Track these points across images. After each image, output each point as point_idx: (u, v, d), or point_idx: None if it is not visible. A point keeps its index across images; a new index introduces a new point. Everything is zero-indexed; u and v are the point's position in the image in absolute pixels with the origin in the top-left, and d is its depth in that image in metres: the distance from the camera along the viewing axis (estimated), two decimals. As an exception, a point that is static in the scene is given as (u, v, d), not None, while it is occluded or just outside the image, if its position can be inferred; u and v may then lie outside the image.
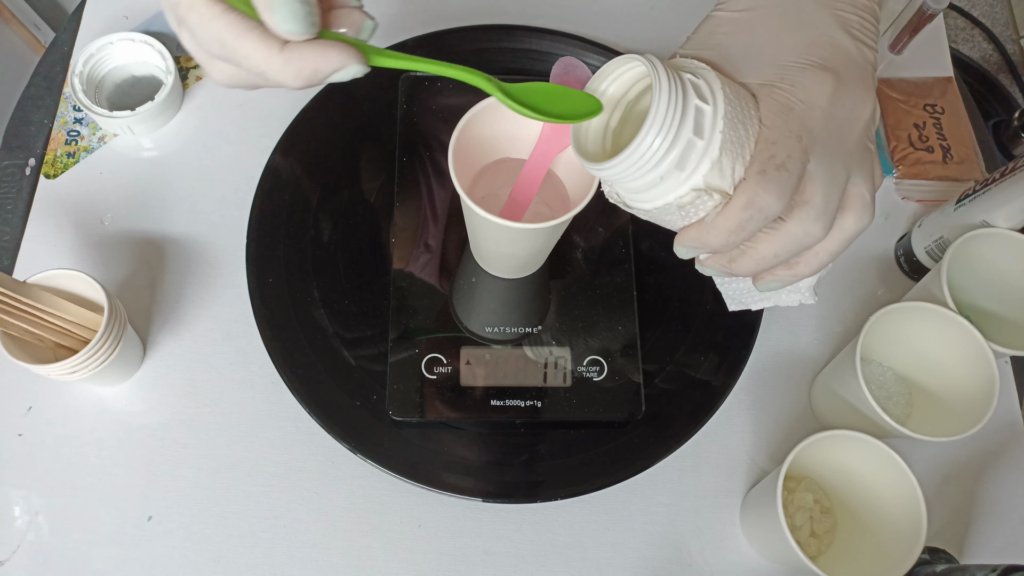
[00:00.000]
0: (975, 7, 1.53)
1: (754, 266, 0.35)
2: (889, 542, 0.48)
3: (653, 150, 0.31)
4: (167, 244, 0.59)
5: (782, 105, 0.33)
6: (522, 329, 0.53)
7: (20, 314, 0.47)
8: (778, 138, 0.32)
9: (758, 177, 0.32)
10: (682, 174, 0.32)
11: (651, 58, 0.32)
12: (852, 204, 0.34)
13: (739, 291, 0.41)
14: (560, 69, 0.43)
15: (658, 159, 0.31)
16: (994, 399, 0.49)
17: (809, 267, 0.35)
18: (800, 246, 0.34)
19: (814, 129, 0.33)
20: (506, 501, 0.52)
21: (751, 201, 0.32)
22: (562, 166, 0.48)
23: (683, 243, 0.35)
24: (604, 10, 0.70)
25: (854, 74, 0.34)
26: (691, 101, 0.32)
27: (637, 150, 0.31)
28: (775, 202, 0.32)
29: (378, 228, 0.58)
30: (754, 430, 0.57)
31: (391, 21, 0.68)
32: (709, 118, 0.32)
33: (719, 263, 0.36)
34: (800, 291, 0.39)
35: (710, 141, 0.31)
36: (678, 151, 0.31)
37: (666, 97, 0.31)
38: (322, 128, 0.60)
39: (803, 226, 0.33)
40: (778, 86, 0.33)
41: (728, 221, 0.32)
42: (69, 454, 0.53)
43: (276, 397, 0.55)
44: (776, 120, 0.33)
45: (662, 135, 0.31)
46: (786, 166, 0.32)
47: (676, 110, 0.31)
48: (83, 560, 0.51)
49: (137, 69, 0.64)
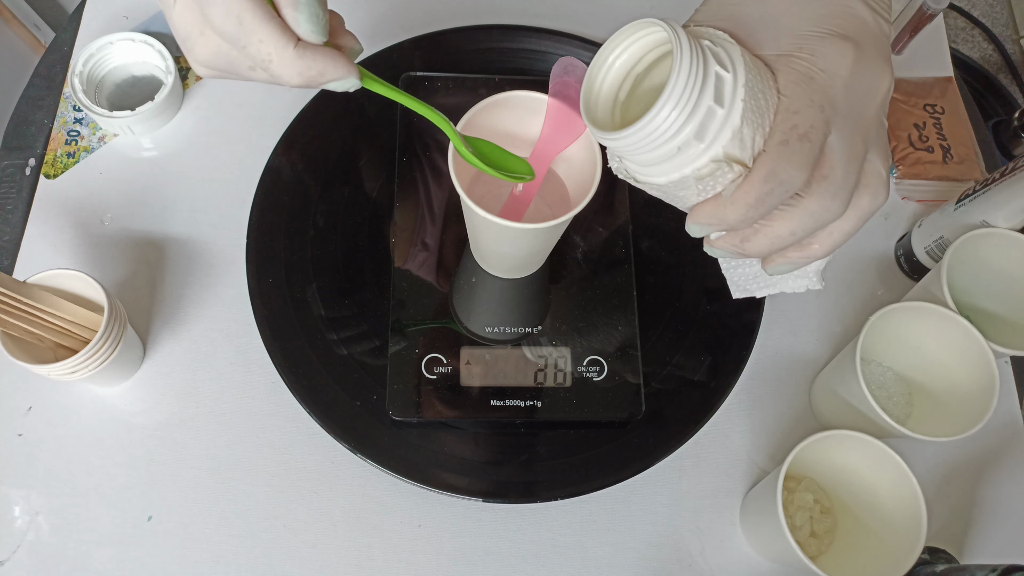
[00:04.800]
0: (975, 7, 1.53)
1: (768, 245, 0.33)
2: (889, 542, 0.48)
3: (673, 118, 0.30)
4: (167, 244, 0.59)
5: (802, 75, 0.31)
6: (522, 329, 0.53)
7: (20, 314, 0.47)
8: (799, 107, 0.31)
9: (780, 148, 0.30)
10: (701, 144, 0.30)
11: (671, 23, 0.31)
12: (869, 181, 0.33)
13: (745, 277, 0.40)
14: (560, 69, 0.43)
15: (677, 127, 0.30)
16: (994, 399, 0.49)
17: (823, 248, 0.34)
18: (818, 223, 0.32)
19: (835, 100, 0.31)
20: (506, 501, 0.52)
21: (773, 173, 0.30)
22: (562, 166, 0.48)
23: (697, 219, 0.33)
24: (604, 10, 0.70)
25: (872, 45, 0.33)
26: (711, 68, 0.30)
27: (658, 116, 0.30)
28: (797, 174, 0.31)
29: (378, 228, 0.58)
30: (754, 430, 0.57)
31: (391, 21, 0.68)
32: (729, 86, 0.30)
33: (731, 243, 0.34)
34: (808, 276, 0.38)
35: (731, 109, 0.30)
36: (698, 120, 0.30)
37: (688, 63, 0.29)
38: (322, 128, 0.60)
39: (822, 202, 0.32)
40: (797, 55, 0.32)
41: (748, 194, 0.31)
42: (69, 454, 0.53)
43: (276, 397, 0.55)
44: (797, 90, 0.31)
45: (683, 102, 0.29)
46: (808, 136, 0.30)
47: (697, 77, 0.29)
48: (83, 560, 0.51)
49: (137, 69, 0.64)
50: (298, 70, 0.31)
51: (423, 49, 0.64)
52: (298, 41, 0.31)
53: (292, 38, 0.31)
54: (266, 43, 0.31)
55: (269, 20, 0.30)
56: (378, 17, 0.68)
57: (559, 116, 0.44)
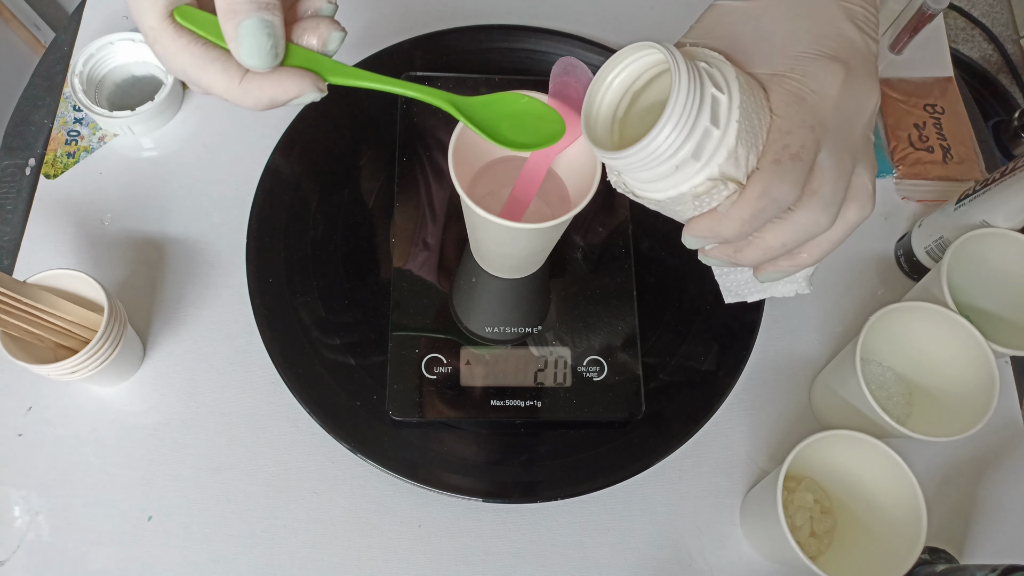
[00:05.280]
0: (975, 7, 1.53)
1: (760, 256, 0.35)
2: (889, 542, 0.48)
3: (672, 139, 0.31)
4: (167, 244, 0.59)
5: (794, 95, 0.33)
6: (522, 329, 0.53)
7: (20, 314, 0.47)
8: (791, 128, 0.32)
9: (773, 167, 0.32)
10: (697, 163, 0.32)
11: (669, 46, 0.32)
12: (856, 195, 0.34)
13: (737, 283, 0.41)
14: (560, 69, 0.43)
15: (676, 148, 0.31)
16: (994, 399, 0.49)
17: (812, 257, 0.35)
18: (808, 235, 0.34)
19: (825, 119, 0.33)
20: (506, 501, 0.52)
21: (766, 191, 0.32)
22: (562, 166, 0.48)
23: (693, 233, 0.35)
24: (604, 10, 0.70)
25: (861, 65, 0.34)
26: (708, 90, 0.31)
27: (657, 138, 0.31)
28: (790, 192, 0.32)
29: (378, 228, 0.58)
30: (754, 430, 0.57)
31: (391, 21, 0.68)
32: (724, 107, 0.31)
33: (724, 253, 0.36)
34: (796, 281, 0.39)
35: (726, 130, 0.31)
36: (695, 140, 0.31)
37: (686, 86, 0.30)
38: (322, 128, 0.60)
39: (812, 216, 0.33)
40: (789, 76, 0.33)
41: (742, 211, 0.32)
42: (69, 454, 0.53)
43: (276, 397, 0.55)
44: (789, 110, 0.33)
45: (681, 124, 0.31)
46: (800, 156, 0.32)
47: (694, 99, 0.31)
48: (83, 560, 0.51)
49: (137, 69, 0.64)
50: (251, 101, 0.33)
51: (423, 49, 0.64)
52: (246, 73, 0.32)
53: (238, 73, 0.32)
54: (214, 86, 0.32)
55: (209, 64, 0.32)
56: (378, 17, 0.68)
57: (559, 116, 0.44)
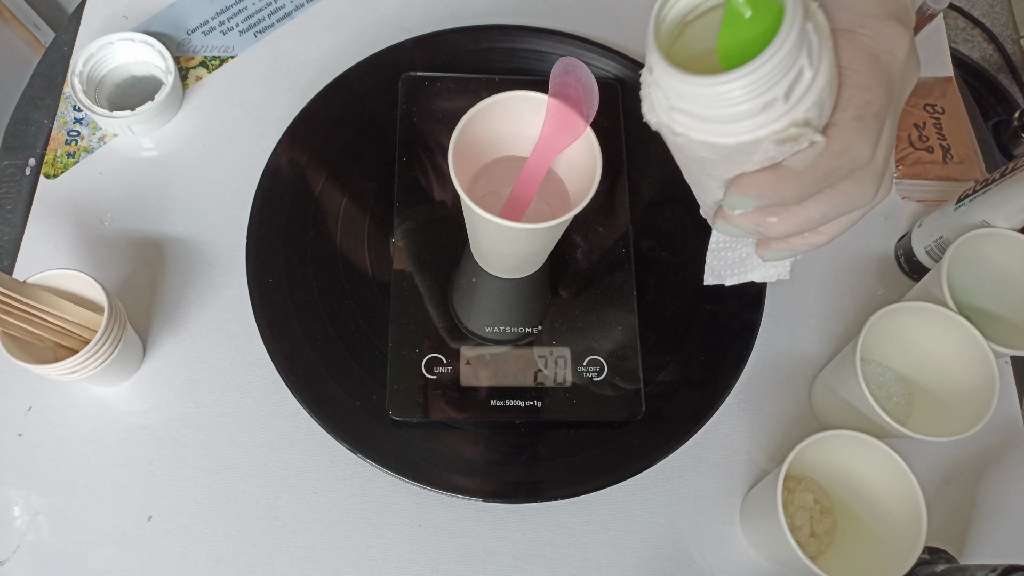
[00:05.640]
0: (975, 7, 1.53)
1: (795, 227, 0.32)
2: (889, 542, 0.48)
3: (780, 67, 0.26)
4: (167, 244, 0.59)
5: (869, 52, 0.30)
6: (522, 329, 0.53)
7: (20, 314, 0.47)
8: (871, 84, 0.29)
9: (855, 123, 0.29)
10: (785, 105, 0.27)
11: None
12: None
13: (723, 263, 0.39)
14: (560, 69, 0.43)
15: (776, 80, 0.27)
16: (994, 399, 0.49)
17: (826, 236, 0.33)
18: (850, 208, 0.31)
19: (894, 84, 0.30)
20: (506, 501, 0.52)
21: (846, 148, 0.29)
22: (562, 165, 0.48)
23: (746, 191, 0.30)
24: (604, 10, 0.70)
25: (913, 37, 0.32)
26: (805, 24, 0.27)
27: (767, 63, 0.26)
28: (868, 152, 0.29)
29: (378, 228, 0.58)
30: (754, 430, 0.57)
31: (391, 21, 0.68)
32: (816, 47, 0.27)
33: (755, 221, 0.32)
34: (778, 266, 0.38)
35: (817, 72, 0.28)
36: (792, 77, 0.27)
37: (800, 9, 0.26)
38: (322, 128, 0.60)
39: (861, 187, 0.30)
40: (860, 31, 0.30)
41: (818, 169, 0.29)
42: (69, 454, 0.53)
43: (276, 397, 0.55)
44: (866, 66, 0.29)
45: (794, 50, 0.26)
46: (879, 115, 0.29)
47: (802, 29, 0.26)
48: (83, 560, 0.51)
49: (137, 69, 0.64)
50: None
51: (423, 49, 0.64)
52: None
53: None
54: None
55: None
56: (378, 17, 0.68)
57: (559, 116, 0.44)
